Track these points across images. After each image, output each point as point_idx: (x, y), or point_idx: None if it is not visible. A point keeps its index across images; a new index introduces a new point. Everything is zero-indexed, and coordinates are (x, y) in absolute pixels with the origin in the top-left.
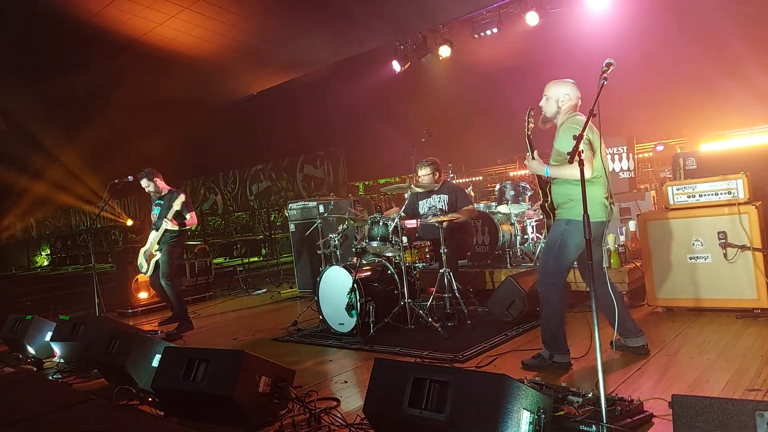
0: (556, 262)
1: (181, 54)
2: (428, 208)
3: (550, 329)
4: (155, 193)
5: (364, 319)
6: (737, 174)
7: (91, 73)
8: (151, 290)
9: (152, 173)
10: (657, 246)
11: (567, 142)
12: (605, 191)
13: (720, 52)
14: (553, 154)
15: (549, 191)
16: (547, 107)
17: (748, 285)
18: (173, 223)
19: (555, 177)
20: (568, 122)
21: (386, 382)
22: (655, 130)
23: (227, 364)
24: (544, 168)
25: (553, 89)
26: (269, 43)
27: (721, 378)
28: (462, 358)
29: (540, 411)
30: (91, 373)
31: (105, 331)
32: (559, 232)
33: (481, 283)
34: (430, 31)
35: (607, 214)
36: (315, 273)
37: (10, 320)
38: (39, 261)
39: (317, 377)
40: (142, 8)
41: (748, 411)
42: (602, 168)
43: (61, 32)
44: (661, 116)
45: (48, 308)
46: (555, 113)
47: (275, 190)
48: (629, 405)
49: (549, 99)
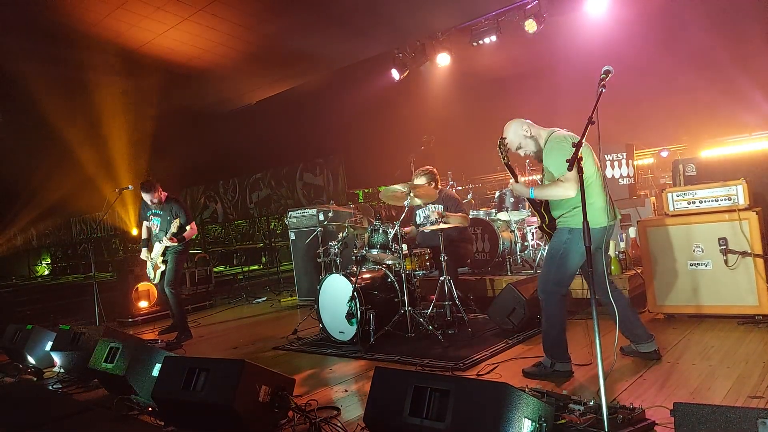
0: (559, 271)
1: (181, 64)
2: (424, 217)
3: (551, 338)
4: (157, 204)
5: (364, 328)
6: (737, 180)
7: (90, 83)
8: (152, 299)
9: (153, 185)
10: (657, 253)
11: (555, 162)
12: (604, 196)
13: (720, 56)
14: (546, 177)
15: (544, 211)
16: (528, 147)
17: (749, 291)
18: (173, 241)
19: (541, 198)
20: (550, 142)
21: (387, 391)
22: (655, 136)
23: (227, 374)
24: (528, 190)
25: (514, 137)
26: (269, 53)
27: (723, 385)
28: (463, 366)
29: (541, 419)
30: (92, 383)
31: (105, 340)
32: (562, 242)
33: (482, 290)
34: (429, 39)
35: (609, 218)
36: (315, 281)
37: (10, 330)
38: (40, 270)
39: (317, 386)
40: (141, 18)
41: (750, 419)
42: (595, 174)
43: (60, 43)
44: (660, 123)
45: (48, 318)
46: (536, 144)
47: (275, 199)
48: (631, 413)
49: (522, 144)
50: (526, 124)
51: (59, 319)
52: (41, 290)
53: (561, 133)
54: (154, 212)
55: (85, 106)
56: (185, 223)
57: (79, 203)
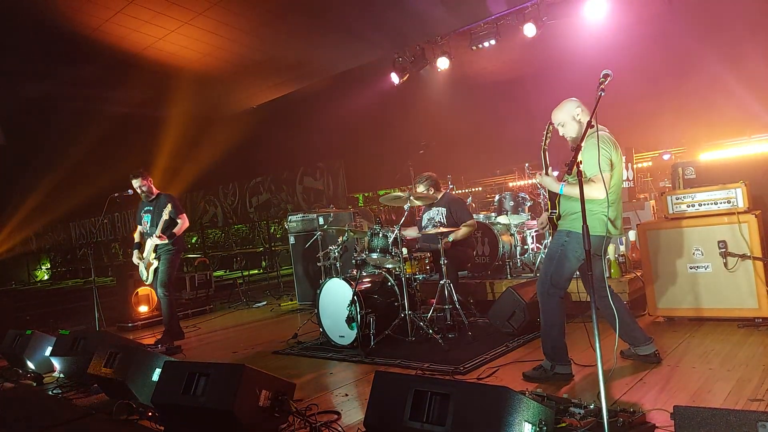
0: (557, 273)
1: (182, 68)
2: (428, 220)
3: (551, 340)
4: (147, 195)
5: (364, 332)
6: (736, 183)
7: (90, 88)
8: (151, 304)
9: (146, 173)
10: (657, 255)
11: (592, 159)
12: (613, 211)
13: (718, 60)
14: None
15: (558, 203)
16: (570, 130)
17: (748, 294)
18: (162, 238)
19: (570, 195)
20: (591, 139)
21: (387, 395)
22: (654, 140)
23: (227, 378)
24: (558, 186)
25: (562, 113)
26: (269, 57)
27: (723, 388)
28: (463, 370)
29: (542, 423)
30: (91, 388)
31: (105, 345)
32: (560, 244)
33: (482, 294)
34: (429, 44)
35: (606, 230)
36: (315, 285)
37: (10, 335)
38: (39, 275)
39: (318, 390)
40: (141, 23)
41: (750, 422)
42: (618, 185)
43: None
44: (659, 126)
45: (48, 323)
46: (579, 131)
47: (275, 203)
48: (631, 416)
49: (566, 124)
50: (581, 108)
51: (59, 324)
52: (41, 295)
53: (608, 135)
54: (146, 209)
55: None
56: (175, 215)
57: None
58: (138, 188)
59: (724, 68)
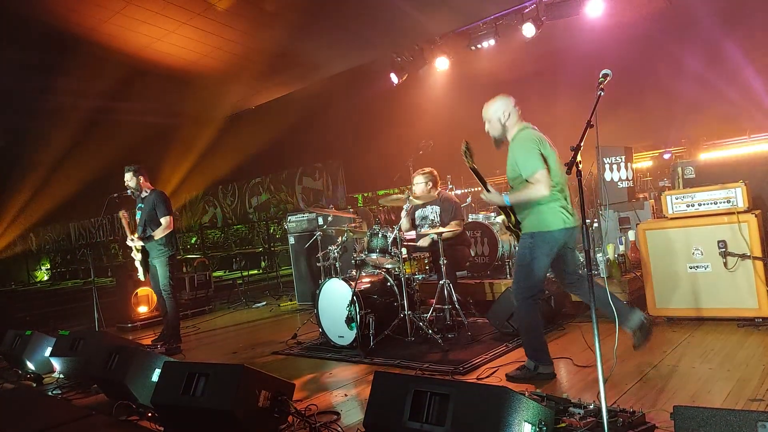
0: (529, 278)
1: (180, 68)
2: (422, 219)
3: (531, 342)
4: (135, 191)
5: (363, 332)
6: (736, 182)
7: (88, 89)
8: (151, 304)
9: (139, 169)
10: (656, 255)
11: (522, 156)
12: (562, 200)
13: (717, 60)
14: (509, 171)
15: (511, 211)
16: (493, 129)
17: (748, 294)
18: (139, 239)
19: (517, 203)
20: (518, 137)
21: (386, 395)
22: (653, 139)
23: (227, 379)
24: (502, 198)
25: (490, 111)
26: (267, 58)
27: (723, 388)
28: (463, 370)
29: (541, 423)
30: (91, 389)
31: (105, 346)
32: (527, 247)
33: (481, 294)
34: (428, 44)
35: (566, 221)
36: (314, 285)
37: (10, 336)
38: (39, 276)
39: (317, 391)
40: (139, 24)
41: (750, 422)
42: (559, 177)
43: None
44: (659, 126)
45: (47, 323)
46: (502, 132)
47: (274, 203)
48: (631, 416)
49: (491, 121)
50: (511, 111)
51: (59, 325)
52: (40, 295)
53: (531, 134)
54: (138, 206)
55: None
56: (161, 215)
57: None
58: (128, 182)
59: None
